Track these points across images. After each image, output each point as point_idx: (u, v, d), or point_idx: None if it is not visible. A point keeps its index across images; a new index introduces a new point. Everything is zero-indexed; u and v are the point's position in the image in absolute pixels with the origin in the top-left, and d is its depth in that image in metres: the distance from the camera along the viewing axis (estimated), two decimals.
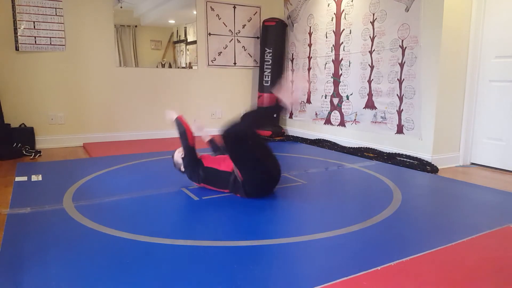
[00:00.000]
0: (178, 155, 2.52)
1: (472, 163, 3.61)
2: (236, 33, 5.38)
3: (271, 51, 5.18)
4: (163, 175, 3.03)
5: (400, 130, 3.72)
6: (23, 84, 4.21)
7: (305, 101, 5.07)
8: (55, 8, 4.25)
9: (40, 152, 3.99)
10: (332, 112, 4.61)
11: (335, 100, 4.55)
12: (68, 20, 4.33)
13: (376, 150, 3.95)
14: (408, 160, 3.57)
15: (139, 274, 1.46)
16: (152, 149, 4.16)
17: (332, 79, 4.58)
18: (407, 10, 3.55)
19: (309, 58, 4.94)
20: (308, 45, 4.93)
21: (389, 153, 3.77)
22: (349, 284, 1.39)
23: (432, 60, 3.37)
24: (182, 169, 2.49)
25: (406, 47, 3.59)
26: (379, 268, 1.50)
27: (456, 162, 3.59)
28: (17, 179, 2.88)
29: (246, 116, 2.15)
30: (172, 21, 5.09)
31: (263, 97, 5.29)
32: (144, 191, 2.57)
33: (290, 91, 2.23)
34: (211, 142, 2.71)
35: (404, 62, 3.61)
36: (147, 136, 4.94)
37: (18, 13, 4.07)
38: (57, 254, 1.63)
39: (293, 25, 5.22)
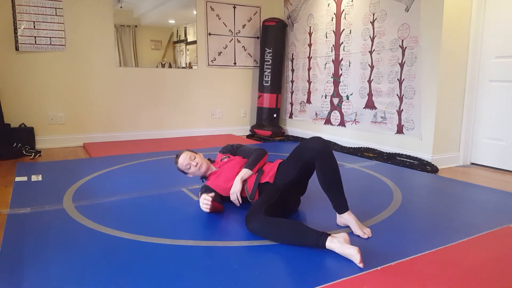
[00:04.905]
0: (192, 169, 2.26)
1: (472, 163, 3.61)
2: (236, 33, 5.38)
3: (271, 51, 5.18)
4: (163, 175, 3.03)
5: (400, 130, 3.72)
6: (23, 84, 4.21)
7: (305, 101, 5.07)
8: (55, 8, 4.25)
9: (40, 152, 3.99)
10: (332, 112, 4.61)
11: (335, 100, 4.55)
12: (68, 20, 4.33)
13: (376, 150, 3.95)
14: (408, 160, 3.57)
15: (139, 274, 1.46)
16: (152, 149, 4.16)
17: (332, 79, 4.58)
18: (407, 10, 3.55)
19: (309, 58, 4.94)
20: (308, 45, 4.93)
21: (389, 153, 3.77)
22: (349, 284, 1.39)
23: (432, 60, 3.37)
24: (190, 176, 2.38)
25: (406, 47, 3.59)
26: (379, 268, 1.50)
27: (456, 162, 3.59)
28: (17, 179, 2.88)
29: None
30: (172, 21, 5.09)
31: (263, 97, 5.29)
32: (144, 191, 2.57)
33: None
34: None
35: (404, 62, 3.61)
36: (147, 136, 4.94)
37: (18, 13, 4.07)
38: (57, 254, 1.63)
39: (293, 25, 5.22)
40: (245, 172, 2.11)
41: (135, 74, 4.80)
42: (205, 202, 1.97)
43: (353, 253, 1.53)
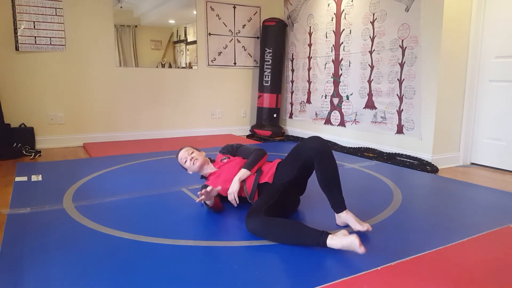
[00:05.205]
0: (190, 167, 2.28)
1: (472, 163, 3.61)
2: (236, 33, 5.38)
3: (271, 51, 5.18)
4: (163, 175, 3.03)
5: (400, 130, 3.72)
6: (23, 84, 4.21)
7: (305, 101, 5.07)
8: (55, 8, 4.25)
9: (40, 152, 3.99)
10: (332, 112, 4.61)
11: (335, 100, 4.55)
12: (68, 20, 4.33)
13: (376, 150, 3.95)
14: (408, 160, 3.57)
15: (139, 274, 1.46)
16: (152, 149, 4.16)
17: (332, 79, 4.58)
18: (407, 10, 3.55)
19: (309, 58, 4.94)
20: (308, 45, 4.93)
21: (389, 153, 3.77)
22: (349, 284, 1.39)
23: (432, 60, 3.37)
24: (190, 172, 2.39)
25: (406, 47, 3.59)
26: (379, 268, 1.50)
27: (456, 162, 3.59)
28: (17, 179, 2.88)
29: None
30: (172, 21, 5.09)
31: (263, 97, 5.29)
32: (144, 191, 2.57)
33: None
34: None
35: (404, 62, 3.61)
36: (147, 136, 4.94)
37: (18, 13, 4.07)
38: (57, 254, 1.63)
39: (293, 25, 5.22)
40: (243, 173, 2.11)
41: (135, 74, 4.80)
42: (203, 192, 1.90)
43: (352, 239, 1.54)
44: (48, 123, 4.37)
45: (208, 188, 1.93)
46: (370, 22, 3.97)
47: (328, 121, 4.70)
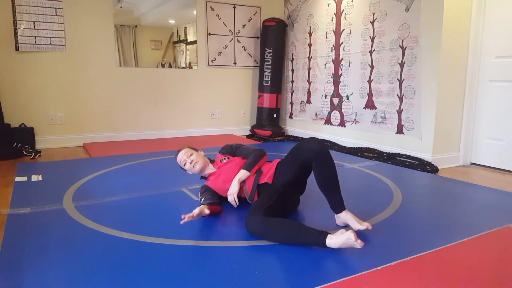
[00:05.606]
0: (191, 169, 2.27)
1: (472, 163, 3.61)
2: (236, 33, 5.38)
3: (271, 51, 5.18)
4: (163, 175, 3.03)
5: (400, 130, 3.72)
6: (23, 84, 4.21)
7: (305, 101, 5.07)
8: (55, 8, 4.25)
9: (40, 152, 3.99)
10: (332, 112, 4.61)
11: (335, 100, 4.55)
12: (68, 20, 4.33)
13: (376, 150, 3.95)
14: (408, 160, 3.57)
15: (139, 274, 1.46)
16: (152, 149, 4.16)
17: (332, 79, 4.58)
18: (407, 10, 3.55)
19: (309, 58, 4.94)
20: (308, 45, 4.93)
21: (389, 153, 3.77)
22: (349, 284, 1.39)
23: (432, 60, 3.37)
24: (189, 173, 2.38)
25: (406, 47, 3.59)
26: (379, 268, 1.50)
27: (456, 162, 3.59)
28: (17, 179, 2.88)
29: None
30: (172, 21, 5.09)
31: (263, 97, 5.29)
32: (144, 191, 2.57)
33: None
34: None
35: (404, 62, 3.61)
36: (147, 136, 4.94)
37: (18, 13, 4.07)
38: (57, 254, 1.63)
39: (293, 25, 5.22)
40: (243, 174, 2.11)
41: (135, 74, 4.80)
42: (188, 216, 1.83)
43: (348, 235, 1.54)
44: (48, 123, 4.38)
45: (195, 214, 1.85)
46: (370, 22, 3.97)
47: (328, 121, 4.70)
